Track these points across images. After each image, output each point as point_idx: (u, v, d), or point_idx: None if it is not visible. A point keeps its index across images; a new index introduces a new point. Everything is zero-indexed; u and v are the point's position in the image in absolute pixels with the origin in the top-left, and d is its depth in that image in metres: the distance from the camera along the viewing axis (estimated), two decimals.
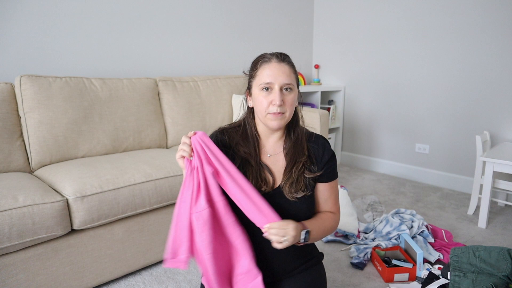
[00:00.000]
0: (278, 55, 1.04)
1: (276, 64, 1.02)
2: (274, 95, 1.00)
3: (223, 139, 1.10)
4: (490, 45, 2.57)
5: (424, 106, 3.00)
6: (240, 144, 1.09)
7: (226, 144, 1.09)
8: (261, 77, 1.02)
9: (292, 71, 1.04)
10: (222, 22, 2.94)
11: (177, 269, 1.76)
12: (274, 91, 1.01)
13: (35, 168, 1.80)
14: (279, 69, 1.01)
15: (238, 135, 1.11)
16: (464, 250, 1.46)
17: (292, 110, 1.05)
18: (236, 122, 1.16)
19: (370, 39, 3.27)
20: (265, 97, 1.02)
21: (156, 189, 1.66)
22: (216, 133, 1.13)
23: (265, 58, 1.04)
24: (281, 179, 1.07)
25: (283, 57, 1.04)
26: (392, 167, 3.31)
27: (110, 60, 2.35)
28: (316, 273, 1.15)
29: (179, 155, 0.96)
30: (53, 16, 2.08)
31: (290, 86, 1.02)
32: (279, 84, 1.00)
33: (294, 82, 1.04)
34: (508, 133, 2.56)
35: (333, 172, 1.12)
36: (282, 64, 1.02)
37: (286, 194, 1.04)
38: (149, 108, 2.20)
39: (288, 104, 1.02)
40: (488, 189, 2.16)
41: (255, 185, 1.04)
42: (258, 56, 1.07)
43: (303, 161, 1.07)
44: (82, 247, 1.50)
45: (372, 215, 2.30)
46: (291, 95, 1.03)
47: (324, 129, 2.51)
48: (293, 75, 1.04)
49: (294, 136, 1.10)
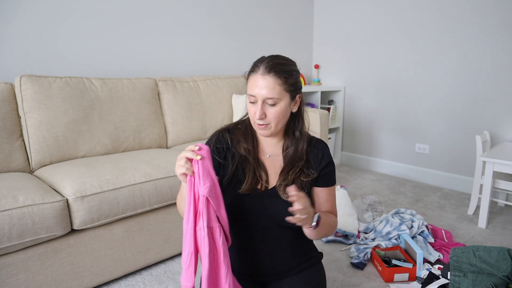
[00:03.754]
0: (266, 65, 1.00)
1: (260, 76, 0.99)
2: (256, 107, 1.00)
3: (225, 137, 1.11)
4: (490, 45, 2.57)
5: (424, 106, 3.00)
6: (241, 141, 1.10)
7: (228, 142, 1.10)
8: (249, 86, 1.03)
9: (278, 82, 0.99)
10: (222, 22, 2.94)
11: (177, 269, 1.76)
12: (257, 103, 1.00)
13: (35, 168, 1.80)
14: (262, 82, 0.98)
15: (240, 133, 1.11)
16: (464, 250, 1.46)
17: (278, 122, 1.02)
18: (240, 121, 1.17)
19: (370, 39, 3.27)
20: (251, 107, 1.02)
21: (156, 189, 1.66)
22: (218, 132, 1.13)
23: (255, 67, 1.02)
24: (277, 180, 1.08)
25: (270, 68, 0.99)
26: (392, 167, 3.31)
27: (110, 60, 2.35)
28: (315, 273, 1.15)
29: (180, 172, 0.92)
30: (53, 16, 2.08)
31: (273, 100, 0.99)
32: (260, 98, 0.99)
33: (281, 94, 1.00)
34: (508, 133, 2.56)
35: (331, 177, 1.12)
36: (266, 76, 0.98)
37: (281, 194, 1.05)
38: (149, 108, 2.20)
39: (271, 117, 1.01)
40: (488, 189, 2.16)
41: (251, 181, 1.04)
42: (254, 62, 1.05)
43: (300, 166, 1.07)
44: (82, 247, 1.50)
45: (372, 215, 2.30)
46: (275, 108, 1.00)
47: (324, 129, 2.51)
48: (279, 87, 0.99)
49: (295, 140, 1.10)
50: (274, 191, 1.06)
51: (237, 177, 1.06)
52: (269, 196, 1.05)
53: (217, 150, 1.08)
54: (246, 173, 1.05)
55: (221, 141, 1.10)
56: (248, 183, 1.04)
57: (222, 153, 1.09)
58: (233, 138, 1.11)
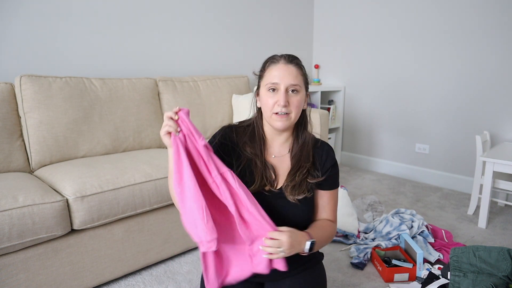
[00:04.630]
0: (286, 56, 1.05)
1: (283, 65, 1.03)
2: (279, 95, 1.01)
3: (231, 136, 1.11)
4: (490, 45, 2.57)
5: (424, 106, 3.00)
6: (247, 144, 1.10)
7: (234, 141, 1.10)
8: (268, 77, 1.03)
9: (300, 73, 1.04)
10: (222, 22, 2.94)
11: (177, 269, 1.77)
12: (279, 91, 1.01)
13: (35, 168, 1.80)
14: (286, 70, 1.02)
15: (246, 136, 1.11)
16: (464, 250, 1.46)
17: (298, 112, 1.05)
18: (246, 121, 1.17)
19: (370, 39, 3.27)
20: (271, 97, 1.02)
21: (156, 189, 1.66)
22: (225, 128, 1.13)
23: (273, 59, 1.05)
24: (284, 181, 1.08)
25: (291, 58, 1.05)
26: (392, 167, 3.31)
27: (110, 60, 2.35)
28: (316, 273, 1.15)
29: (165, 131, 0.90)
30: (53, 16, 2.08)
31: (297, 87, 1.02)
32: (284, 85, 1.01)
33: (302, 83, 1.04)
34: (508, 133, 2.56)
35: (334, 181, 1.13)
36: (289, 65, 1.03)
37: (287, 196, 1.05)
38: (149, 108, 2.20)
39: (293, 105, 1.02)
40: (488, 189, 2.16)
41: (259, 184, 1.04)
42: (268, 57, 1.08)
43: (307, 167, 1.07)
44: (82, 247, 1.50)
45: (372, 215, 2.30)
46: (297, 96, 1.03)
47: (324, 129, 2.51)
48: (301, 77, 1.04)
49: (301, 139, 1.11)
50: (280, 192, 1.06)
51: (243, 179, 1.05)
52: (275, 197, 1.05)
53: (222, 145, 1.08)
54: (253, 175, 1.05)
55: (226, 137, 1.10)
56: (256, 186, 1.04)
57: (227, 148, 1.08)
58: (239, 139, 1.11)
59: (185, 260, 1.84)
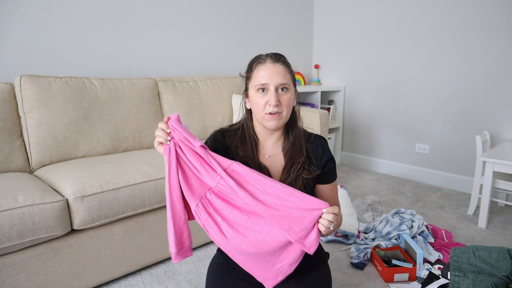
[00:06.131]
0: (272, 55, 1.04)
1: (271, 64, 1.02)
2: (269, 95, 1.01)
3: (222, 140, 1.11)
4: (490, 45, 2.57)
5: (424, 106, 3.00)
6: (239, 147, 1.09)
7: (226, 145, 1.10)
8: (256, 78, 1.03)
9: (287, 70, 1.04)
10: (222, 22, 2.94)
11: (177, 269, 1.77)
12: (269, 91, 1.01)
13: (35, 168, 1.80)
14: (274, 70, 1.01)
15: (237, 139, 1.11)
16: (464, 250, 1.45)
17: (289, 110, 1.05)
18: (235, 124, 1.16)
19: (370, 39, 3.27)
20: (261, 98, 1.02)
21: (156, 189, 1.66)
22: (216, 133, 1.13)
23: (259, 59, 1.05)
24: (279, 178, 1.08)
25: (278, 57, 1.04)
26: (392, 167, 3.31)
27: (110, 60, 2.35)
28: (321, 274, 1.15)
29: (156, 142, 0.96)
30: (53, 16, 2.08)
31: (286, 85, 1.02)
32: (274, 84, 1.01)
33: (290, 81, 1.04)
34: (508, 133, 2.56)
35: (332, 173, 1.13)
36: (277, 64, 1.02)
37: None
38: (149, 108, 2.20)
39: (284, 104, 1.02)
40: (488, 189, 2.16)
41: None
42: (253, 58, 1.07)
43: (301, 162, 1.07)
44: (82, 247, 1.50)
45: (372, 215, 2.30)
46: (287, 94, 1.03)
47: (324, 129, 2.51)
48: (289, 74, 1.04)
49: (292, 136, 1.11)
50: None
51: None
52: None
53: (214, 150, 1.08)
54: None
55: (218, 142, 1.10)
56: None
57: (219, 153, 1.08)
58: (231, 143, 1.10)
59: (185, 260, 1.84)
